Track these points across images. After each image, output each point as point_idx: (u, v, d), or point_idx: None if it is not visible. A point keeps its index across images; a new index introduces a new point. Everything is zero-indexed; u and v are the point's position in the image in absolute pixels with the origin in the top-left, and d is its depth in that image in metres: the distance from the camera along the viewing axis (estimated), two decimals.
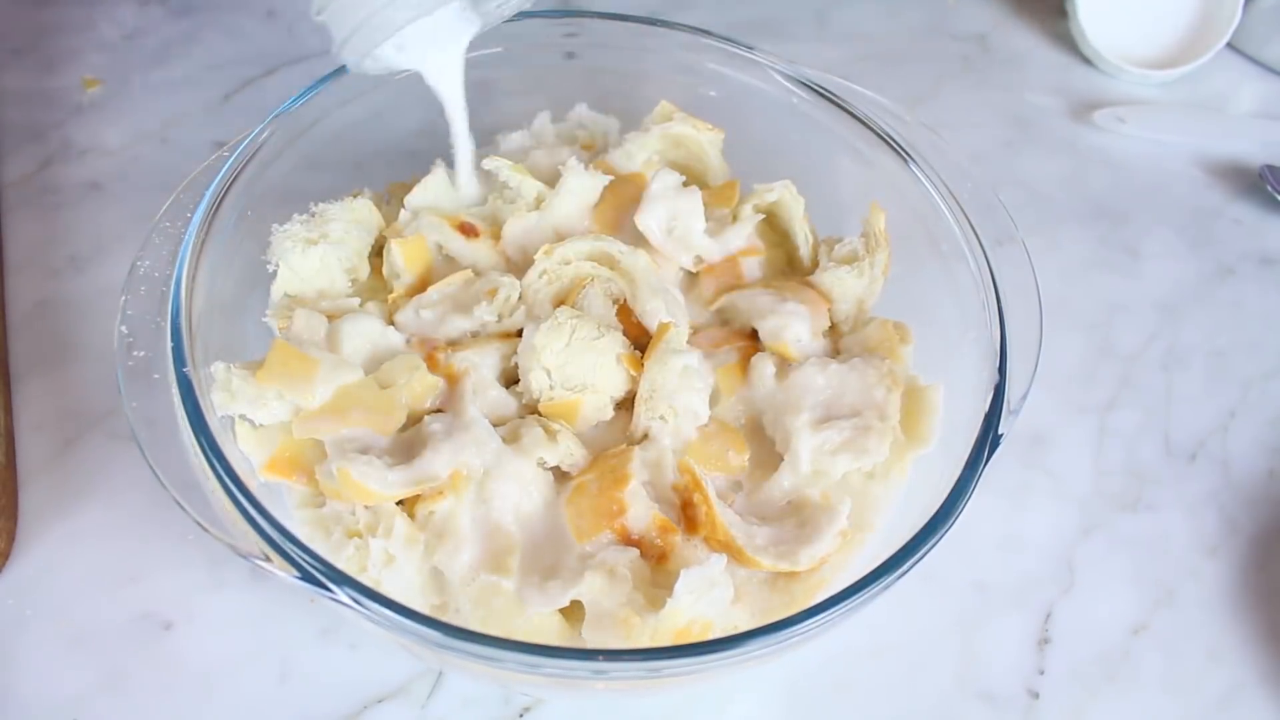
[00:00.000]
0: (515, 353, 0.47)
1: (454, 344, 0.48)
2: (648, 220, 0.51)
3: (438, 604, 0.42)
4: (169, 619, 0.49)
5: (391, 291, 0.50)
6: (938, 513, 0.41)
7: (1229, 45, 0.80)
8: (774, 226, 0.55)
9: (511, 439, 0.45)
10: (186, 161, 0.48)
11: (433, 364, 0.47)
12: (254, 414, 0.44)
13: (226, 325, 0.46)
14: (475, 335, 0.49)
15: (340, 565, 0.38)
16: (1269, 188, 0.72)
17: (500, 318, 0.48)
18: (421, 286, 0.50)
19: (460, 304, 0.49)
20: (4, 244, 0.62)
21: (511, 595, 0.41)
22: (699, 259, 0.52)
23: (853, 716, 0.49)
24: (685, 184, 0.52)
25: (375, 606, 0.36)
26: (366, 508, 0.43)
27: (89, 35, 0.74)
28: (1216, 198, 0.73)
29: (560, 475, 0.46)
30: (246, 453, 0.44)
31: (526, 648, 0.36)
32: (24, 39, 0.73)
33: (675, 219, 0.51)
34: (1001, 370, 0.45)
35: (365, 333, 0.47)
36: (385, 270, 0.51)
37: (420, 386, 0.45)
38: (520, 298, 0.49)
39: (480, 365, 0.47)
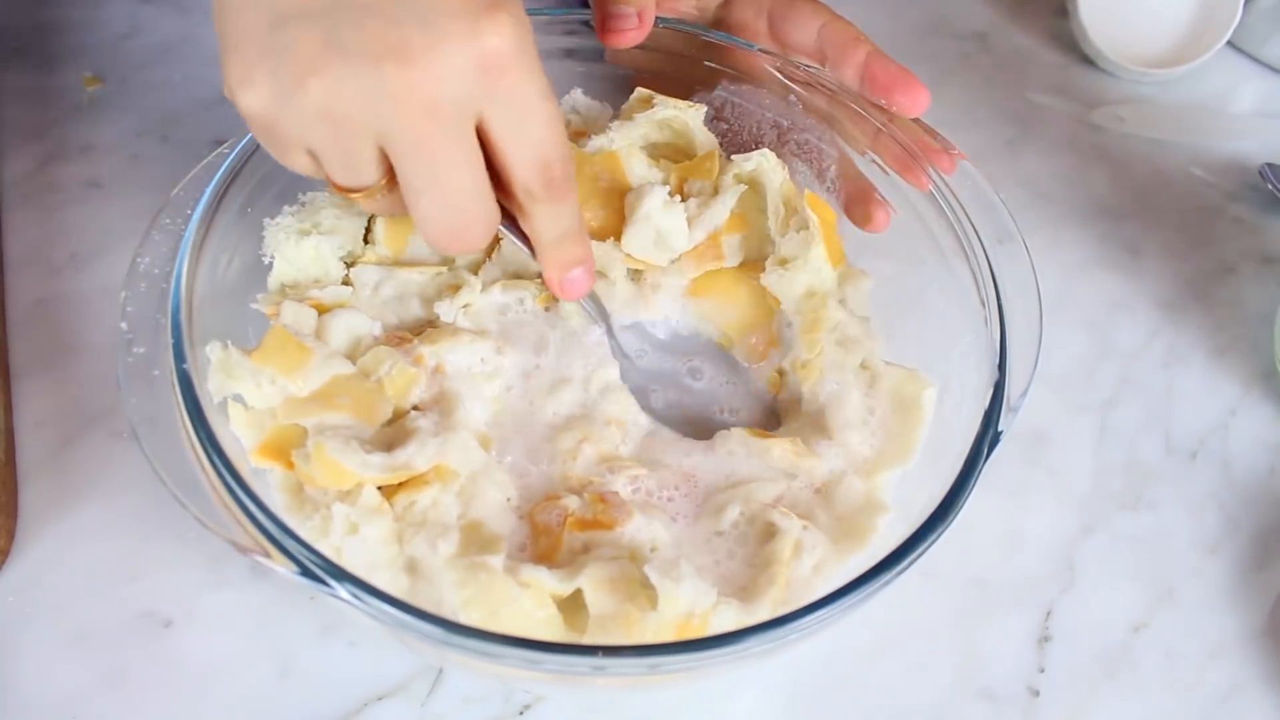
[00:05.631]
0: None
1: (419, 334, 0.48)
2: (633, 244, 0.51)
3: (407, 583, 0.42)
4: (169, 617, 0.49)
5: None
6: (937, 510, 0.41)
7: (1229, 44, 0.80)
8: (759, 193, 0.54)
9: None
10: (187, 159, 0.48)
11: (400, 346, 0.47)
12: (249, 394, 0.44)
13: (226, 322, 0.46)
14: (432, 325, 0.49)
15: (304, 535, 0.38)
16: (1269, 186, 0.72)
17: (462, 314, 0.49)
18: (394, 263, 0.51)
19: (424, 293, 0.50)
20: (4, 242, 0.62)
21: (499, 573, 0.40)
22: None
23: (853, 714, 0.49)
24: (667, 184, 0.52)
25: (374, 602, 0.36)
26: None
27: (89, 34, 0.74)
28: (1217, 196, 0.73)
29: None
30: (239, 435, 0.44)
31: (526, 644, 0.36)
32: (24, 37, 0.73)
33: (660, 235, 0.51)
34: (1001, 368, 0.45)
35: (351, 328, 0.48)
36: (368, 238, 0.52)
37: (401, 379, 0.45)
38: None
39: (448, 359, 0.47)
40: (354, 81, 0.34)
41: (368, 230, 0.52)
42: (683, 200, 0.51)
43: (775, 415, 0.51)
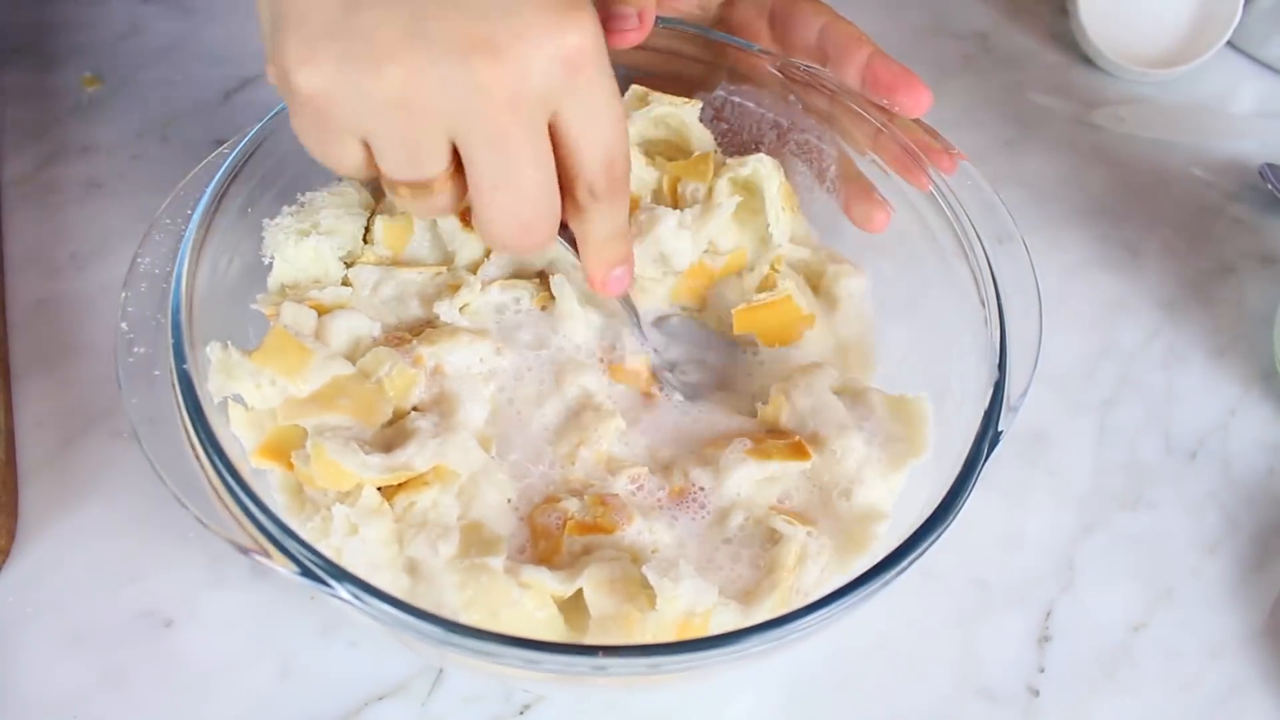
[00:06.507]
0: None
1: (418, 333, 0.48)
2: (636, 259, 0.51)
3: (408, 584, 0.42)
4: (169, 616, 0.49)
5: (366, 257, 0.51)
6: (937, 509, 0.40)
7: (1229, 44, 0.80)
8: (755, 195, 0.53)
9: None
10: (187, 159, 0.48)
11: (400, 347, 0.47)
12: (249, 394, 0.44)
13: (227, 322, 0.46)
14: (432, 325, 0.49)
15: (304, 535, 0.38)
16: (1269, 186, 0.72)
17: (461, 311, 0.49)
18: (393, 263, 0.51)
19: (423, 293, 0.50)
20: (5, 242, 0.62)
21: (499, 574, 0.40)
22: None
23: (852, 714, 0.49)
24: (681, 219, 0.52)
25: (374, 602, 0.36)
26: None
27: (89, 34, 0.74)
28: (1216, 196, 0.73)
29: None
30: (239, 435, 0.44)
31: (526, 644, 0.36)
32: (24, 37, 0.73)
33: (663, 255, 0.51)
34: (1001, 368, 0.45)
35: (351, 328, 0.48)
36: (368, 238, 0.52)
37: (401, 379, 0.45)
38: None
39: (448, 359, 0.47)
40: (437, 71, 0.34)
41: (367, 230, 0.52)
42: (675, 204, 0.51)
43: None
